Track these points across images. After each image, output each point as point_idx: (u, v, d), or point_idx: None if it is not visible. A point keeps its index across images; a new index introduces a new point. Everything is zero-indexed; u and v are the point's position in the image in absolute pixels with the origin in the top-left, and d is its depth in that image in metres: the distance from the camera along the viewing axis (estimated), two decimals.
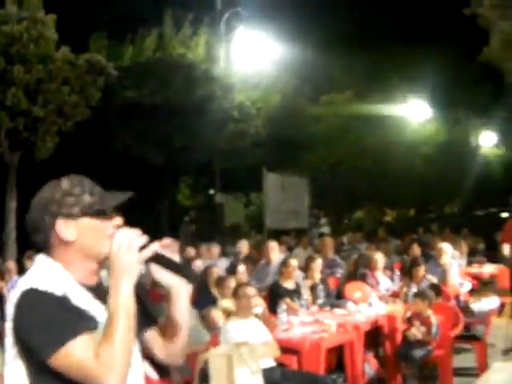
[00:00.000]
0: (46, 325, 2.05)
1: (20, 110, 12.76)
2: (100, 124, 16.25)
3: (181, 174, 23.78)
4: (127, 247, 2.13)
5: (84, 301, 2.19)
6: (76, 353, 2.01)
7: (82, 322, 2.10)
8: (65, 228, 2.20)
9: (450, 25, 29.41)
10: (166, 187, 21.66)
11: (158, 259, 2.23)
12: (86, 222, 2.21)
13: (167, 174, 20.60)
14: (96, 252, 2.23)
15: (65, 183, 2.25)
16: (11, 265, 9.82)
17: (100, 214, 2.23)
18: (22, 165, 14.08)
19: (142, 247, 2.17)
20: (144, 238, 2.18)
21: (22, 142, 13.40)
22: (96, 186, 2.29)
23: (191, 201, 27.61)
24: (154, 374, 4.79)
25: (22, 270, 10.03)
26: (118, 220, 2.27)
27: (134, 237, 2.16)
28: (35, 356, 2.08)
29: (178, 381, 5.30)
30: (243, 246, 12.03)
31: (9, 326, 2.14)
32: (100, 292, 2.25)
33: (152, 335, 2.46)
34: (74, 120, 13.65)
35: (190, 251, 11.50)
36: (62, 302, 2.11)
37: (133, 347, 2.13)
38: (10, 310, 2.13)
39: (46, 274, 2.17)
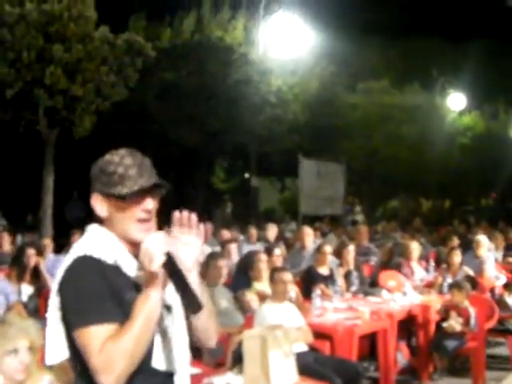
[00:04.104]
0: (84, 298, 2.05)
1: (59, 89, 12.81)
2: (137, 105, 16.31)
3: (216, 157, 23.80)
4: (150, 259, 2.04)
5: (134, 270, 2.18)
6: (91, 338, 1.99)
7: (120, 308, 2.07)
8: (96, 203, 2.23)
9: (491, 17, 29.03)
10: (201, 170, 21.68)
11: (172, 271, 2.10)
12: (113, 202, 2.20)
13: (202, 157, 20.62)
14: (124, 233, 2.20)
15: (103, 160, 2.24)
16: (48, 242, 9.85)
17: (125, 198, 2.17)
18: (60, 142, 14.17)
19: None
20: (168, 244, 2.09)
21: (60, 120, 13.47)
22: (134, 166, 2.20)
23: (226, 184, 27.61)
24: None
25: (58, 248, 10.11)
26: (149, 204, 2.20)
27: (159, 245, 2.06)
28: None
29: (210, 362, 5.28)
30: (271, 230, 12.00)
31: (54, 287, 2.16)
32: None
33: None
34: (111, 100, 13.69)
35: (225, 234, 11.51)
36: (112, 272, 2.12)
37: (139, 355, 2.04)
38: (59, 272, 2.15)
39: (100, 243, 2.18)
